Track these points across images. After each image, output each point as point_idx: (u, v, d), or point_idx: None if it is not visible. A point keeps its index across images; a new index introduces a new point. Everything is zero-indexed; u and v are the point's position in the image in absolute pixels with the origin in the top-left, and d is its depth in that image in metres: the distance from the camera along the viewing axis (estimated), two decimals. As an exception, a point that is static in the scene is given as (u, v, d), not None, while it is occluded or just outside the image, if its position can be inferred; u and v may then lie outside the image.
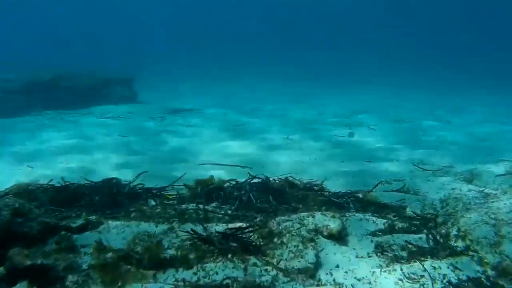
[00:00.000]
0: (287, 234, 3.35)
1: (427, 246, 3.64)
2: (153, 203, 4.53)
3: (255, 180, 5.00)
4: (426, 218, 4.33)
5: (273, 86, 22.72)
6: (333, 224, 3.55)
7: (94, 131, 10.45)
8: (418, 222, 4.25)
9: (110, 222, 3.53)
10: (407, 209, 4.68)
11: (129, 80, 17.55)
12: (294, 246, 3.17)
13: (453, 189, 5.36)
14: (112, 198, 4.47)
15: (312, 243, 3.26)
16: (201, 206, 4.29)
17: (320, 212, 3.74)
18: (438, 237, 3.82)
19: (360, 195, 4.92)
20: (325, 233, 3.49)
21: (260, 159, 7.61)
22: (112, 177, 5.23)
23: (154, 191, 4.87)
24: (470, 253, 3.44)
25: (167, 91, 20.74)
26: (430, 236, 3.82)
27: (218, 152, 8.17)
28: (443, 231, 3.98)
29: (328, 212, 3.77)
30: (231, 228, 3.47)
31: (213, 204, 4.48)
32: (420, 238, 3.84)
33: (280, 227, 3.52)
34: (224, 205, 4.46)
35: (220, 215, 4.01)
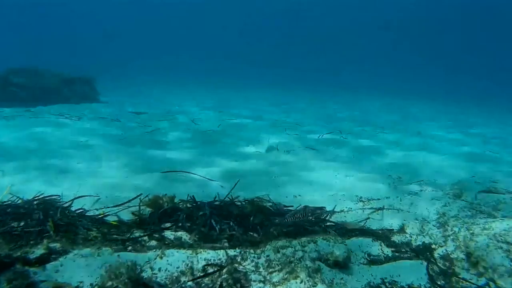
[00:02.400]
0: (291, 264, 2.90)
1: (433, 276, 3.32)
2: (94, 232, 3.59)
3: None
4: (425, 243, 4.03)
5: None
6: (338, 251, 3.14)
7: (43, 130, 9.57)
8: (417, 248, 3.95)
9: (77, 250, 2.94)
10: (405, 229, 4.36)
11: (91, 80, 16.71)
12: (301, 281, 2.72)
13: (445, 205, 5.13)
14: (40, 225, 3.42)
15: (319, 275, 2.83)
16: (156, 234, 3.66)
17: (322, 237, 3.31)
18: (442, 265, 3.52)
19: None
20: (330, 261, 3.08)
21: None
22: (48, 195, 4.32)
23: (97, 216, 4.01)
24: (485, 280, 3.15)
25: (132, 93, 19.84)
26: (432, 265, 3.51)
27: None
28: (447, 256, 3.68)
29: (330, 237, 3.36)
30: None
31: (170, 232, 3.80)
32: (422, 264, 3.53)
33: (279, 255, 3.07)
34: (182, 231, 3.84)
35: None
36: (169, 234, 3.79)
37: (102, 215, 4.01)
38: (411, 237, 4.22)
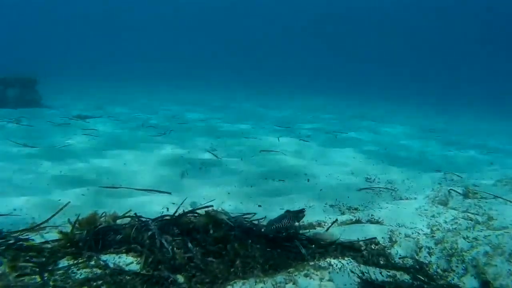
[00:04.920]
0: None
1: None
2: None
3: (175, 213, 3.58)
4: (425, 265, 3.26)
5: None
6: (327, 294, 2.29)
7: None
8: (415, 272, 3.18)
9: None
10: (395, 248, 3.58)
11: (32, 81, 15.03)
12: None
13: (433, 216, 4.43)
14: None
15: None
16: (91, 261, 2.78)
17: (303, 273, 2.44)
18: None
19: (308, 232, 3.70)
20: (316, 309, 2.22)
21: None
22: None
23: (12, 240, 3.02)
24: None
25: (80, 95, 18.30)
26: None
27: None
28: (456, 283, 2.93)
29: (313, 271, 2.49)
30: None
31: (110, 256, 2.95)
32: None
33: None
34: (125, 255, 2.98)
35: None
36: (109, 260, 2.90)
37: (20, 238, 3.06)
38: (405, 257, 3.45)
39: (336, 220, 4.21)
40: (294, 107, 19.85)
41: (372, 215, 4.55)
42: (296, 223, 3.44)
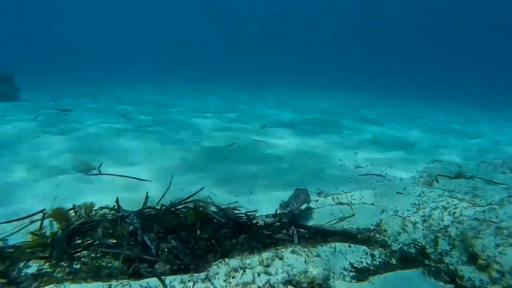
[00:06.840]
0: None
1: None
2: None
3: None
4: (412, 243, 3.24)
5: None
6: (315, 269, 2.22)
7: None
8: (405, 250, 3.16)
9: None
10: (384, 227, 3.55)
11: (9, 76, 14.56)
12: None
13: (419, 195, 4.43)
14: None
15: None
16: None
17: (290, 249, 2.37)
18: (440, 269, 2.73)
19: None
20: (304, 284, 2.15)
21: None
22: None
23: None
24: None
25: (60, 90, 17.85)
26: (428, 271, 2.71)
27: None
28: (442, 258, 2.91)
29: (300, 247, 2.42)
30: None
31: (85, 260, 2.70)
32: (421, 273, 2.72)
33: (233, 282, 2.09)
34: (100, 259, 2.72)
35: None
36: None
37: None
38: (394, 237, 3.42)
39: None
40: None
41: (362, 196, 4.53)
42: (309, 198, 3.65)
